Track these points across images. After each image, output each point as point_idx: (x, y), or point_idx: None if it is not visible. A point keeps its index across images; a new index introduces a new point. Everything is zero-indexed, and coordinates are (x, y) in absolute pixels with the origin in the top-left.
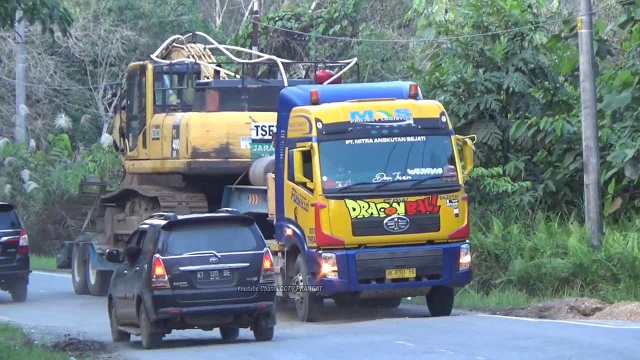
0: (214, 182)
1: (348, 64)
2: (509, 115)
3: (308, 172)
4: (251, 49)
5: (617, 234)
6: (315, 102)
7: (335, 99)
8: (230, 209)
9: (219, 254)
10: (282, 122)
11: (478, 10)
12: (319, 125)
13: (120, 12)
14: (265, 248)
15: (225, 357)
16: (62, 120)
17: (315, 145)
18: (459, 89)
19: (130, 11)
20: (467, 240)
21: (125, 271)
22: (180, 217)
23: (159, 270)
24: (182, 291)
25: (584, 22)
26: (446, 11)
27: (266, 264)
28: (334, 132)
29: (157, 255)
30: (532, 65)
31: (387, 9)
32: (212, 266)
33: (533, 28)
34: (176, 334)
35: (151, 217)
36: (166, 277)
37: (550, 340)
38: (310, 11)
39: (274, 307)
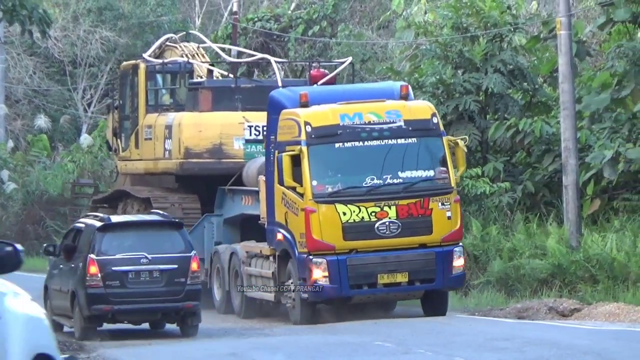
0: (207, 182)
1: (343, 63)
2: (487, 116)
3: (298, 176)
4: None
5: (595, 235)
6: (305, 105)
7: (325, 101)
8: (161, 212)
9: (149, 256)
10: (272, 125)
11: (457, 12)
12: (308, 128)
13: (99, 13)
14: (193, 251)
15: (205, 357)
16: (42, 121)
17: (304, 149)
18: (438, 90)
19: (110, 12)
20: (460, 243)
21: (61, 265)
22: (114, 219)
23: (93, 269)
24: (114, 290)
25: (563, 23)
26: (425, 12)
27: (193, 266)
28: (324, 136)
29: (92, 255)
30: (511, 67)
31: (366, 9)
32: (143, 267)
33: (512, 29)
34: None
35: (86, 216)
36: (99, 276)
37: (528, 341)
38: (289, 12)
39: (200, 307)
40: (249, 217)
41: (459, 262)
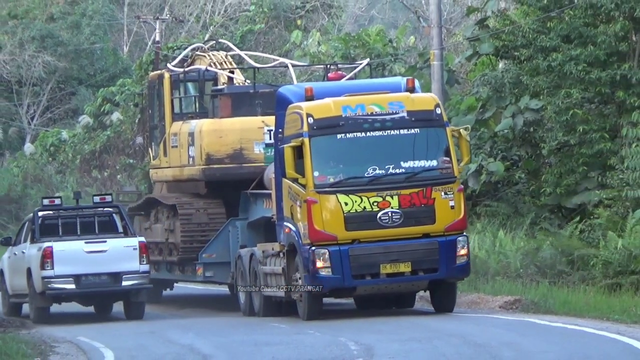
0: (234, 187)
1: (360, 64)
2: None
3: (301, 169)
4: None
5: None
6: (310, 99)
7: (331, 95)
8: None
9: None
10: (280, 121)
11: (346, 44)
12: (310, 120)
13: (42, 40)
14: None
15: (129, 334)
16: None
17: (306, 140)
18: None
19: (51, 39)
20: (465, 233)
21: None
22: None
23: None
24: None
25: (436, 55)
26: (319, 44)
27: None
28: (325, 127)
29: None
30: None
31: (269, 40)
32: None
33: (393, 59)
34: None
35: None
36: None
37: (402, 325)
38: (203, 42)
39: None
40: (270, 220)
41: (463, 251)
